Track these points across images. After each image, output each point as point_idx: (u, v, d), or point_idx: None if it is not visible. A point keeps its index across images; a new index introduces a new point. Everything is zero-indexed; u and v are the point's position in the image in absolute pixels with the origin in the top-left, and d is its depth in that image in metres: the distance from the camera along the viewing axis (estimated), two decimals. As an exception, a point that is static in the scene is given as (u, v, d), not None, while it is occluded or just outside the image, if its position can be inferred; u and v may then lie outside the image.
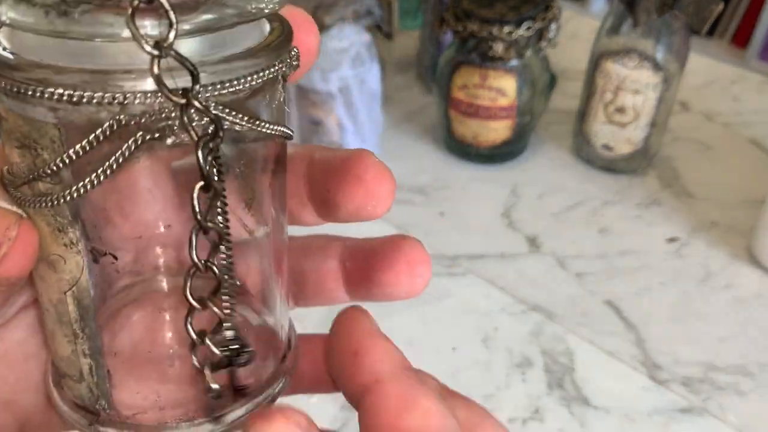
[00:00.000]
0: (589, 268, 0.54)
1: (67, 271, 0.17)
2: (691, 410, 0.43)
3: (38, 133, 0.15)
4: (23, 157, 0.16)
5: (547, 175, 0.65)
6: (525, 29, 0.58)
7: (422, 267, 0.20)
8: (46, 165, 0.15)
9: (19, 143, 0.16)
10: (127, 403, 0.19)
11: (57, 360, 0.19)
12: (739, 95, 0.79)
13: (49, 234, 0.17)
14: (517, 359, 0.46)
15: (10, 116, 0.15)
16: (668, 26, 0.57)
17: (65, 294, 0.18)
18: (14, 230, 0.16)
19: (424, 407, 0.15)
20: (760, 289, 0.52)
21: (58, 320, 0.18)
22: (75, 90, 0.14)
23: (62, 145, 0.15)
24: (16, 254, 0.16)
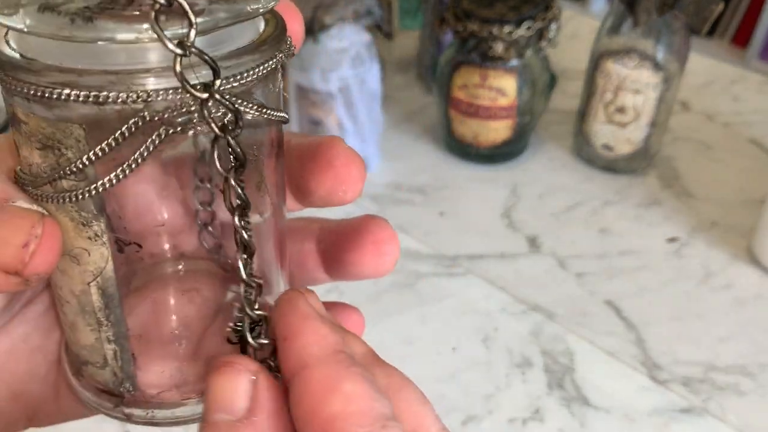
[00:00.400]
0: (589, 268, 0.54)
1: (91, 262, 0.18)
2: (691, 410, 0.43)
3: (63, 133, 0.16)
4: (45, 157, 0.16)
5: (547, 175, 0.65)
6: (525, 29, 0.58)
7: (388, 245, 0.20)
8: (71, 164, 0.16)
9: (42, 144, 0.16)
10: (151, 383, 0.20)
11: (78, 349, 0.19)
12: (740, 95, 0.79)
13: (72, 229, 0.17)
14: (517, 359, 0.46)
15: (32, 119, 0.16)
16: (668, 26, 0.57)
17: (89, 285, 0.18)
18: (39, 228, 0.16)
19: (347, 391, 0.15)
20: (760, 289, 0.52)
21: (80, 311, 0.19)
22: (101, 91, 0.15)
23: (87, 144, 0.16)
24: (43, 251, 0.16)
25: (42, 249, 0.16)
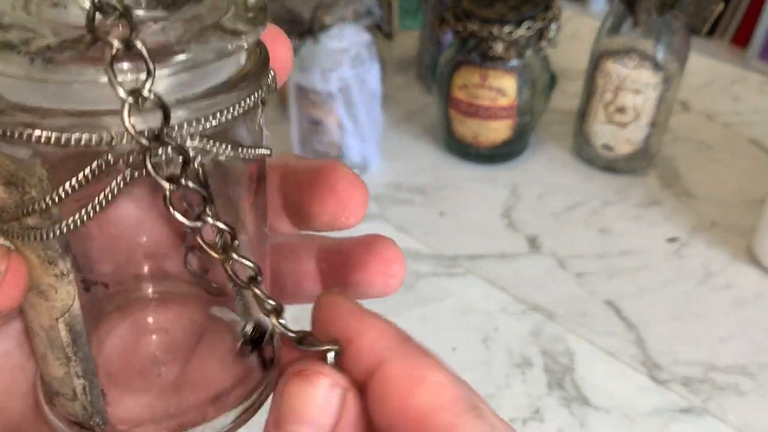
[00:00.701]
0: (589, 268, 0.54)
1: (58, 299, 0.18)
2: (691, 410, 0.43)
3: (26, 172, 0.15)
4: (11, 193, 0.16)
5: (547, 175, 0.65)
6: (525, 29, 0.58)
7: (396, 265, 0.20)
8: (34, 202, 0.16)
9: (6, 181, 0.16)
10: (122, 417, 0.19)
11: (49, 379, 0.19)
12: (740, 95, 0.79)
13: (39, 265, 0.17)
14: (517, 359, 0.46)
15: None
16: (668, 26, 0.57)
17: (57, 320, 0.18)
18: (3, 264, 0.16)
19: (434, 381, 0.15)
20: (760, 289, 0.52)
21: (50, 344, 0.18)
22: (62, 132, 0.14)
23: (50, 184, 0.15)
24: (7, 287, 0.16)
25: (6, 285, 0.16)
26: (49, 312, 0.18)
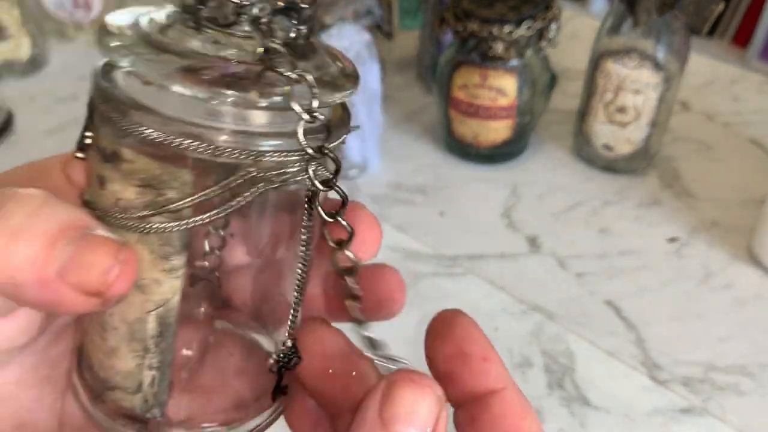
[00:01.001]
0: (589, 268, 0.54)
1: (158, 293, 0.19)
2: (691, 410, 0.43)
3: (171, 176, 0.18)
4: (143, 194, 0.18)
5: (547, 175, 0.65)
6: (525, 29, 0.58)
7: (399, 294, 0.22)
8: (169, 203, 0.18)
9: (143, 183, 0.18)
10: (178, 410, 0.21)
11: (109, 374, 0.20)
12: (740, 95, 0.79)
13: (148, 260, 0.19)
14: (517, 359, 0.46)
15: (140, 159, 0.17)
16: (669, 26, 0.57)
17: (148, 313, 0.19)
18: (123, 254, 0.17)
19: (534, 415, 0.19)
20: (761, 289, 0.52)
21: (128, 337, 0.19)
22: (217, 147, 0.17)
23: (192, 189, 0.18)
24: (125, 275, 0.17)
25: (123, 274, 0.17)
26: (143, 305, 0.19)
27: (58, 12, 0.82)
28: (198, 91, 0.16)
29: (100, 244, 0.17)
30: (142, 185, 0.18)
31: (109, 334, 0.20)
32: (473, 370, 0.19)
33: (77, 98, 0.74)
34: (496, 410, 0.19)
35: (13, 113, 0.69)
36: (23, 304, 0.18)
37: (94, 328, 0.20)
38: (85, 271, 0.17)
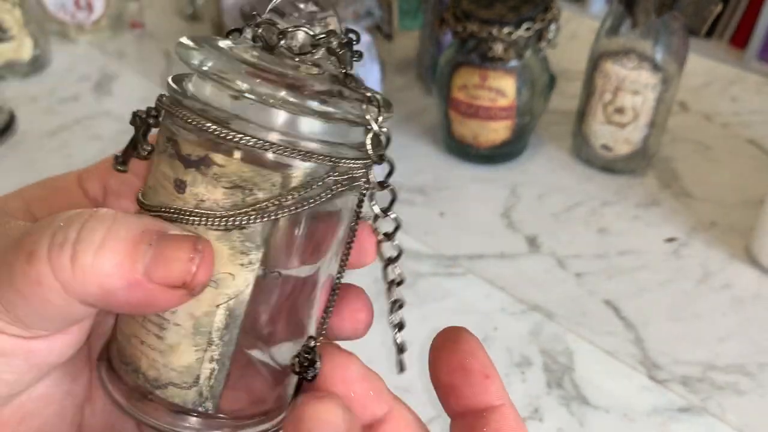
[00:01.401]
0: (588, 268, 0.54)
1: (232, 286, 0.20)
2: (690, 410, 0.44)
3: (262, 178, 0.19)
4: (231, 195, 0.20)
5: (546, 175, 0.65)
6: (524, 30, 0.58)
7: (363, 314, 0.24)
8: (257, 203, 0.20)
9: (233, 185, 0.19)
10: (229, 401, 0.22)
11: (164, 372, 0.21)
12: (738, 96, 0.79)
13: (227, 256, 0.20)
14: (516, 359, 0.47)
15: (233, 163, 0.19)
16: (667, 27, 0.57)
17: (218, 306, 0.20)
18: (200, 245, 0.19)
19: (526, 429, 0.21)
20: (759, 289, 0.53)
21: (192, 332, 0.20)
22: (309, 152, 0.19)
23: (279, 188, 0.20)
24: (205, 264, 0.19)
25: (204, 262, 0.19)
26: (213, 299, 0.20)
27: (60, 13, 0.82)
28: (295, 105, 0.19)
29: (177, 240, 0.18)
30: (232, 187, 0.19)
31: (169, 332, 0.20)
32: (474, 385, 0.21)
33: (78, 99, 0.74)
34: (493, 425, 0.20)
35: (15, 114, 0.69)
36: (115, 310, 0.19)
37: (144, 330, 0.21)
38: (168, 266, 0.18)
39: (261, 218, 0.20)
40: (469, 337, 0.22)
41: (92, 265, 0.17)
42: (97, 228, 0.18)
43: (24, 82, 0.76)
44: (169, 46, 0.85)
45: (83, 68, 0.80)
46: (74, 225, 0.18)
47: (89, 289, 0.18)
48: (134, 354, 0.21)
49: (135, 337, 0.21)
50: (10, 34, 0.74)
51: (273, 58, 0.21)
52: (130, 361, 0.21)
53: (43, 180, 0.24)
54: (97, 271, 0.17)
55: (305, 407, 0.19)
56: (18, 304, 0.18)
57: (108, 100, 0.74)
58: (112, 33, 0.86)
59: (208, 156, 0.19)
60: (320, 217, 0.21)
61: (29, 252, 0.18)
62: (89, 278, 0.17)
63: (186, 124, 0.19)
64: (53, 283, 0.17)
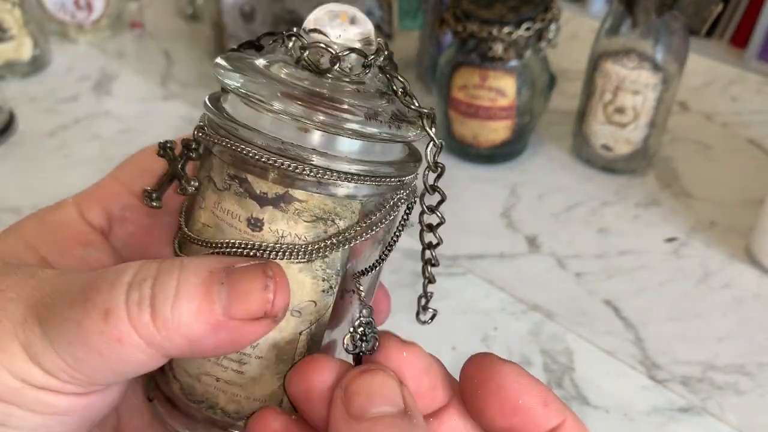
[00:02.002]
0: (588, 268, 0.54)
1: (314, 312, 0.21)
2: (690, 410, 0.44)
3: (343, 208, 0.20)
4: (313, 228, 0.20)
5: (546, 175, 0.65)
6: (524, 30, 0.58)
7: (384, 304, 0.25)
8: (339, 233, 0.20)
9: (315, 218, 0.20)
10: None
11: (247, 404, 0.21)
12: (738, 95, 0.79)
13: (309, 285, 0.20)
14: (516, 358, 0.47)
15: (314, 198, 0.20)
16: (667, 27, 0.57)
17: (300, 333, 0.21)
18: (270, 270, 0.19)
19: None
20: (759, 289, 0.53)
21: (275, 362, 0.21)
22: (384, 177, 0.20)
23: (358, 214, 0.20)
24: (281, 287, 0.19)
25: (279, 286, 0.19)
26: (296, 327, 0.21)
27: (60, 13, 0.82)
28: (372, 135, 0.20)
29: (247, 272, 0.18)
30: (313, 220, 0.20)
31: (250, 366, 0.21)
32: (536, 419, 0.20)
33: (78, 99, 0.74)
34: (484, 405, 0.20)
35: (15, 114, 0.69)
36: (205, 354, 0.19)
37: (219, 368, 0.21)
38: (245, 300, 0.18)
39: (343, 246, 0.20)
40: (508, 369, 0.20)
41: (172, 318, 0.17)
42: (168, 281, 0.18)
43: (24, 82, 0.76)
44: (169, 46, 0.85)
45: (83, 68, 0.80)
46: (147, 281, 0.18)
47: (175, 342, 0.18)
48: (207, 392, 0.21)
49: (207, 375, 0.21)
50: (10, 34, 0.74)
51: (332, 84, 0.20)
52: (202, 399, 0.21)
53: (39, 214, 0.23)
54: (178, 323, 0.17)
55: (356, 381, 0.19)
56: (90, 361, 0.18)
57: (108, 100, 0.74)
58: (112, 33, 0.86)
59: (287, 193, 0.19)
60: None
61: (105, 311, 0.17)
62: (173, 332, 0.18)
63: (258, 162, 0.19)
64: (136, 339, 0.18)
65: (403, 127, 0.20)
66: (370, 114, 0.20)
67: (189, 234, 0.21)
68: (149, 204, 0.21)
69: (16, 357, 0.18)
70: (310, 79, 0.20)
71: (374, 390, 0.18)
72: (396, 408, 0.18)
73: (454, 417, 0.21)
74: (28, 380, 0.18)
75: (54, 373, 0.18)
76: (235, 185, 0.20)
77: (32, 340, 0.18)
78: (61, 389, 0.18)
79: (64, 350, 0.18)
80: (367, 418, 0.18)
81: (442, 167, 0.22)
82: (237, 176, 0.20)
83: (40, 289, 0.19)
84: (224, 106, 0.21)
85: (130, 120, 0.71)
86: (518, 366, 0.20)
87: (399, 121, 0.20)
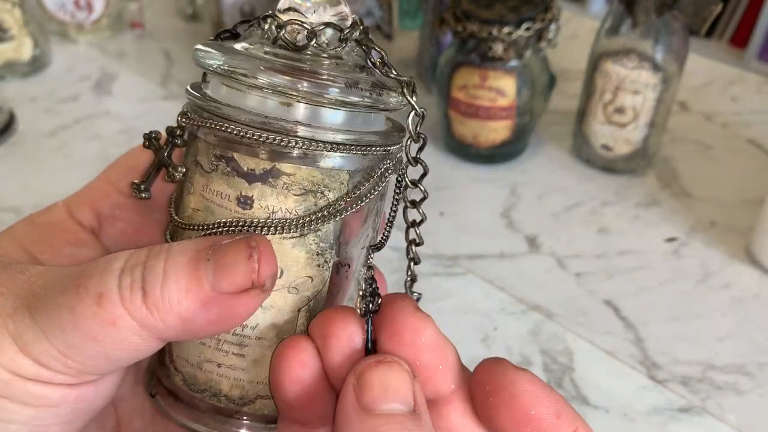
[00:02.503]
0: (588, 268, 0.54)
1: (311, 288, 0.21)
2: (689, 409, 0.44)
3: (331, 179, 0.20)
4: (304, 201, 0.20)
5: (546, 175, 0.65)
6: (524, 30, 0.58)
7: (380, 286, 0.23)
8: (329, 205, 0.20)
9: (304, 191, 0.20)
10: None
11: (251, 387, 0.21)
12: (738, 95, 0.79)
13: (304, 260, 0.20)
14: (516, 358, 0.47)
15: (301, 171, 0.20)
16: (667, 27, 0.57)
17: (299, 311, 0.21)
18: (253, 241, 0.19)
19: None
20: (759, 289, 0.53)
21: (276, 342, 0.21)
22: (369, 146, 0.20)
23: (347, 185, 0.20)
24: (266, 256, 0.19)
25: (264, 255, 0.19)
26: (295, 304, 0.21)
27: (60, 13, 0.82)
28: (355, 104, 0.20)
29: (231, 245, 0.18)
30: (303, 193, 0.20)
31: (251, 348, 0.21)
32: (547, 430, 0.19)
33: (78, 99, 0.74)
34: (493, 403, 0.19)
35: (15, 114, 0.69)
36: (199, 336, 0.19)
37: (220, 353, 0.21)
38: (231, 272, 0.18)
39: (334, 218, 0.20)
40: (522, 378, 0.20)
41: (162, 298, 0.18)
42: (157, 264, 0.18)
43: (24, 82, 0.76)
44: (169, 46, 0.85)
45: (83, 68, 0.80)
46: (138, 266, 0.18)
47: (169, 322, 0.18)
48: (210, 379, 0.21)
49: (208, 362, 0.21)
50: (10, 34, 0.74)
51: (311, 60, 0.20)
52: (205, 387, 0.21)
53: (30, 217, 0.23)
54: (168, 303, 0.18)
55: (371, 372, 0.18)
56: (85, 347, 0.18)
57: (108, 100, 0.74)
58: (112, 33, 0.86)
59: (275, 168, 0.19)
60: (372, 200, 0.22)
61: (98, 294, 0.18)
62: (164, 313, 0.18)
63: (243, 139, 0.19)
64: (129, 322, 0.18)
65: (384, 95, 0.21)
66: (350, 83, 0.20)
67: (179, 221, 0.21)
68: (138, 195, 0.22)
69: (5, 349, 0.18)
70: (289, 56, 0.20)
71: (388, 385, 0.18)
72: (407, 406, 0.18)
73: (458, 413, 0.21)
74: (18, 372, 0.18)
75: (45, 362, 0.18)
76: (222, 165, 0.20)
77: (22, 330, 0.18)
78: (52, 380, 0.18)
79: (57, 337, 0.18)
80: (377, 413, 0.18)
81: (424, 138, 0.22)
82: (223, 156, 0.20)
83: (31, 283, 0.19)
84: (206, 91, 0.21)
85: (130, 120, 0.71)
86: (531, 374, 0.20)
87: (380, 89, 0.21)
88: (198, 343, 0.21)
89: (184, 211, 0.21)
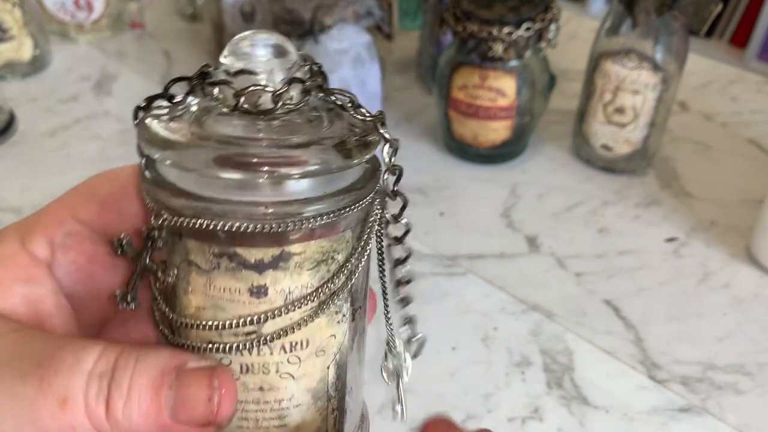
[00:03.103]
0: (588, 268, 0.54)
1: (335, 344, 0.21)
2: (689, 409, 0.44)
3: (338, 243, 0.20)
4: (317, 272, 0.20)
5: (546, 175, 0.65)
6: (524, 30, 0.58)
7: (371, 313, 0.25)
8: (340, 267, 0.20)
9: (315, 263, 0.19)
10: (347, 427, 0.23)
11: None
12: (738, 95, 0.79)
13: (325, 324, 0.20)
14: (516, 359, 0.47)
15: (310, 246, 0.19)
16: (667, 27, 0.57)
17: (328, 368, 0.21)
18: (216, 380, 0.19)
19: None
20: (759, 289, 0.53)
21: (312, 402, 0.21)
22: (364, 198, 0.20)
23: (351, 241, 0.20)
24: (225, 398, 0.19)
25: (224, 397, 0.19)
26: (323, 364, 0.21)
27: (60, 13, 0.82)
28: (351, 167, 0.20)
29: (195, 379, 0.19)
30: (315, 265, 0.19)
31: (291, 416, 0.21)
32: None
33: (78, 99, 0.74)
34: None
35: (15, 114, 0.69)
36: None
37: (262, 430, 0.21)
38: (190, 408, 0.19)
39: (348, 278, 0.20)
40: None
41: (123, 417, 0.18)
42: (123, 377, 0.18)
43: (24, 82, 0.76)
44: (169, 46, 0.85)
45: (83, 68, 0.80)
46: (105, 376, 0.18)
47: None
48: None
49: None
50: (10, 34, 0.74)
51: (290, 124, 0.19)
52: None
53: None
54: (128, 422, 0.18)
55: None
56: None
57: (108, 100, 0.74)
58: (112, 33, 0.86)
59: (284, 251, 0.19)
60: None
61: (63, 398, 0.18)
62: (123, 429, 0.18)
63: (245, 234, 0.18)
64: (89, 428, 0.18)
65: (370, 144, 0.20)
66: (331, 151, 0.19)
67: (185, 321, 0.20)
68: (126, 307, 0.20)
69: None
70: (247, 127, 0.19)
71: None
72: None
73: None
74: None
75: None
76: (225, 262, 0.19)
77: None
78: None
79: (8, 424, 0.18)
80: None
81: (399, 169, 0.22)
82: (224, 253, 0.19)
83: None
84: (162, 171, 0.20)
85: (130, 120, 0.71)
86: None
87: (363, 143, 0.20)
88: (235, 427, 0.21)
89: (186, 309, 0.20)
